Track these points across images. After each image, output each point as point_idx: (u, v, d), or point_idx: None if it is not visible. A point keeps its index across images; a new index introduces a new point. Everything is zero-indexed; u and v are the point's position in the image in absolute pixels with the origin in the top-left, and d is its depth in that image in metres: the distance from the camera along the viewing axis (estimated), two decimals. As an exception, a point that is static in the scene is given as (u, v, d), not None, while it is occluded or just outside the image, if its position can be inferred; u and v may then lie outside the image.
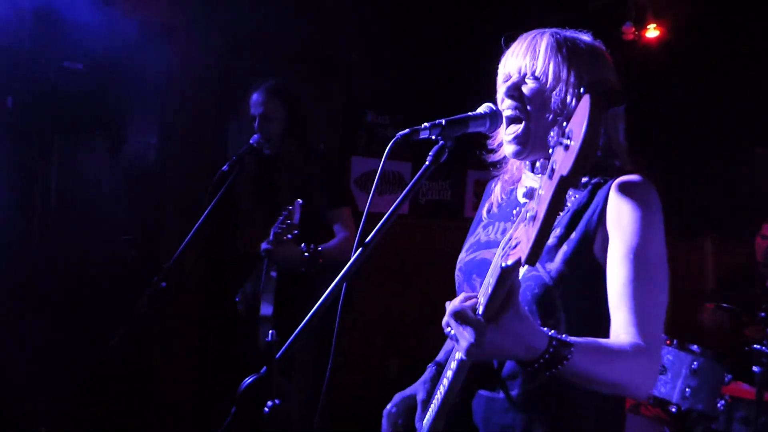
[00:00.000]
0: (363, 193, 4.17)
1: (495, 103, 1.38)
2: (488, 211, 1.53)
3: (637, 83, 4.32)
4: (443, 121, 1.27)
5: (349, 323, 3.00)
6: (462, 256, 1.51)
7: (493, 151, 1.49)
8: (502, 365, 1.34)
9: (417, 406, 1.48)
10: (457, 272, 1.50)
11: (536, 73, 1.33)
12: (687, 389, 2.94)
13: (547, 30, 1.37)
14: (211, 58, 3.88)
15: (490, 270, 1.08)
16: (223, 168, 2.67)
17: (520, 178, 1.49)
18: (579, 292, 1.28)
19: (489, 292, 1.04)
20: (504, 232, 1.43)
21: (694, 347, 3.00)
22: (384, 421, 1.57)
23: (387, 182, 4.40)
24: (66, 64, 3.19)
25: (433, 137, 1.27)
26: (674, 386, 2.98)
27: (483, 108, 1.35)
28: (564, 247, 1.28)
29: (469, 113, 1.32)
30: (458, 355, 1.26)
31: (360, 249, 1.19)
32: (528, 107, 1.34)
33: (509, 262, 0.97)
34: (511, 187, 1.51)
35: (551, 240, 1.29)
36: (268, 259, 2.71)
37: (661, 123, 4.55)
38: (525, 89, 1.34)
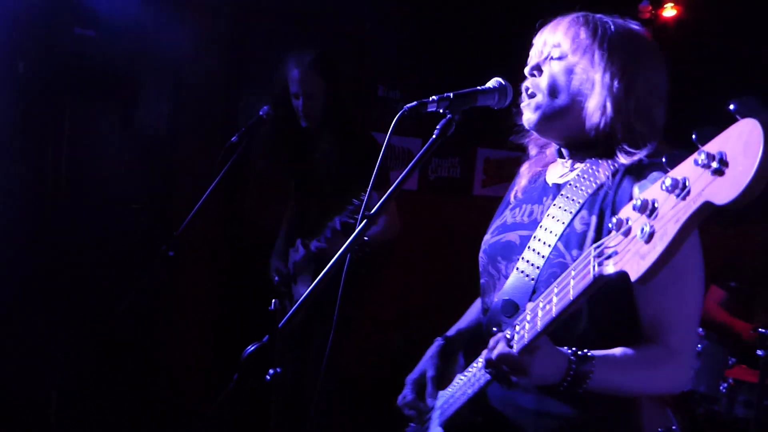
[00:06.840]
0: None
1: (505, 78, 1.38)
2: (515, 195, 1.53)
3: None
4: (451, 95, 1.27)
5: (367, 301, 3.03)
6: (487, 237, 1.50)
7: (519, 130, 1.48)
8: None
9: (427, 384, 1.51)
10: (481, 254, 1.49)
11: (559, 54, 1.34)
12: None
13: (582, 13, 1.37)
14: (223, 27, 3.85)
15: (547, 291, 1.09)
16: (232, 139, 2.65)
17: (551, 162, 1.48)
18: None
19: (556, 308, 1.05)
20: (531, 214, 1.42)
21: (699, 330, 3.00)
22: (404, 408, 1.57)
23: (395, 158, 4.38)
24: (78, 31, 3.17)
25: (441, 110, 1.27)
26: (677, 368, 2.99)
27: (492, 82, 1.34)
28: (591, 234, 1.25)
29: (478, 87, 1.32)
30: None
31: (365, 221, 1.19)
32: (544, 87, 1.34)
33: (610, 271, 0.93)
34: (539, 169, 1.50)
35: (580, 226, 1.27)
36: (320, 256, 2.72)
37: (677, 104, 4.48)
38: (546, 69, 1.35)
